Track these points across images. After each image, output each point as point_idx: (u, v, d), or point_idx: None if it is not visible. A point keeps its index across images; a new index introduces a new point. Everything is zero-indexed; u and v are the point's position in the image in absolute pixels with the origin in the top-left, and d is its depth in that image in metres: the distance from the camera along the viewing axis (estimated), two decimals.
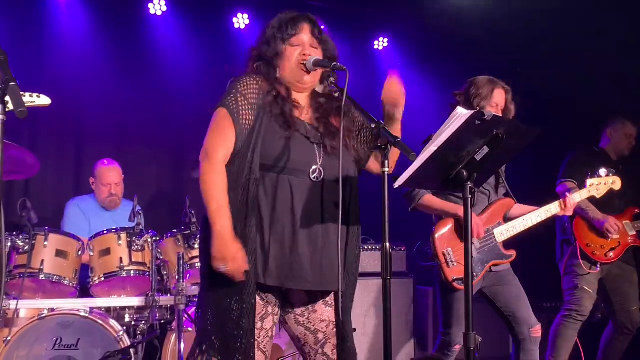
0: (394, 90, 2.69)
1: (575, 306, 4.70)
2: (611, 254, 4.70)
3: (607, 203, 4.60)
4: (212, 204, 2.49)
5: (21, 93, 3.03)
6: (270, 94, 2.63)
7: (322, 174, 2.62)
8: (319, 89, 2.79)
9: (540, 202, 4.02)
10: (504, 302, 3.86)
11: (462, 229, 3.61)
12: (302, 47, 2.68)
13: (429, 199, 3.83)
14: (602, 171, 4.22)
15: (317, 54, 2.70)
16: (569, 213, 4.03)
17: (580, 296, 4.69)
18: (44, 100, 3.19)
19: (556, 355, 4.69)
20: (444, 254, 3.73)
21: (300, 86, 2.72)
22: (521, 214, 3.92)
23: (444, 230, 3.78)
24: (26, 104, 3.01)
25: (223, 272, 2.48)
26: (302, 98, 2.74)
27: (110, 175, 4.99)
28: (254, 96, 2.60)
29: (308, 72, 2.66)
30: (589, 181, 4.19)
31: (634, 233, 4.78)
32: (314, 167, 2.61)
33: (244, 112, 2.58)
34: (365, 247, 5.42)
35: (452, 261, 3.72)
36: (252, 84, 2.63)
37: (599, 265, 4.71)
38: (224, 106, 2.59)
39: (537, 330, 3.82)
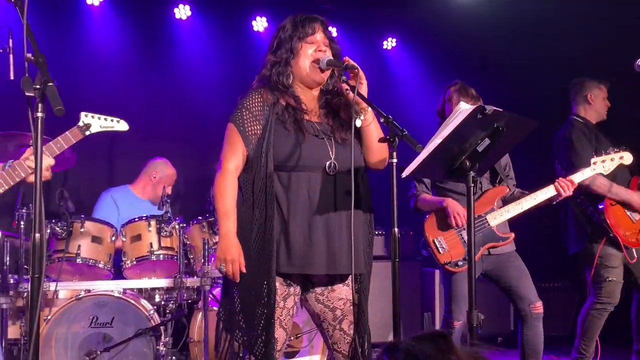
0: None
1: (609, 299, 4.28)
2: None
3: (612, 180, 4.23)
4: (221, 208, 2.63)
5: (104, 117, 3.13)
6: (277, 104, 2.68)
7: (337, 166, 2.64)
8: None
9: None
10: (505, 281, 3.87)
11: (449, 219, 3.77)
12: (317, 45, 2.71)
13: (424, 197, 3.94)
14: (610, 148, 3.97)
15: (327, 54, 2.72)
16: (568, 193, 3.81)
17: (612, 289, 4.27)
18: (122, 125, 3.25)
19: (588, 345, 4.32)
20: (434, 242, 3.81)
21: (313, 84, 2.75)
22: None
23: (433, 221, 3.86)
24: (105, 129, 3.12)
25: (222, 272, 2.60)
26: (311, 97, 2.77)
27: (173, 177, 5.18)
28: (258, 108, 2.68)
29: (322, 71, 2.69)
30: (592, 159, 3.92)
31: None
32: (328, 161, 2.64)
33: (249, 124, 2.66)
34: (376, 233, 5.41)
35: (442, 247, 3.80)
36: (256, 97, 2.71)
37: (635, 252, 4.23)
38: (231, 121, 2.70)
39: (537, 307, 3.81)
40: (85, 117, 3.10)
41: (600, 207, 4.24)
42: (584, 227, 4.37)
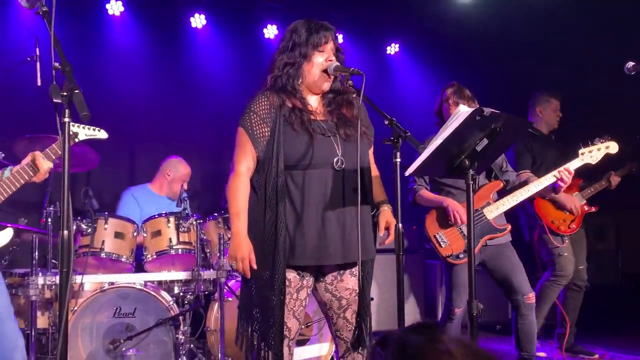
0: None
1: (562, 272, 4.54)
2: (573, 225, 4.54)
3: None
4: (233, 208, 2.66)
5: (87, 126, 3.35)
6: (283, 106, 2.68)
7: (344, 163, 2.66)
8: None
9: None
10: (499, 274, 3.89)
11: (448, 216, 3.80)
12: (328, 55, 2.72)
13: (424, 193, 3.94)
14: (597, 139, 4.02)
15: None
16: (568, 181, 3.88)
17: (565, 262, 4.53)
18: (102, 134, 3.49)
19: (538, 316, 4.39)
20: (435, 237, 3.83)
21: (319, 89, 2.76)
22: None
23: (433, 219, 3.88)
24: (89, 136, 3.36)
25: (234, 269, 2.64)
26: (316, 97, 2.79)
27: (187, 174, 5.15)
28: (265, 111, 2.69)
29: (330, 76, 2.71)
30: (580, 150, 3.99)
31: (585, 202, 4.63)
32: (335, 158, 2.65)
33: (257, 127, 2.67)
34: None
35: (443, 241, 3.82)
36: (262, 101, 2.71)
37: (566, 238, 4.56)
38: (241, 125, 2.71)
39: (530, 298, 3.83)
40: (72, 127, 3.26)
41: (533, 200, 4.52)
42: (524, 217, 4.76)
